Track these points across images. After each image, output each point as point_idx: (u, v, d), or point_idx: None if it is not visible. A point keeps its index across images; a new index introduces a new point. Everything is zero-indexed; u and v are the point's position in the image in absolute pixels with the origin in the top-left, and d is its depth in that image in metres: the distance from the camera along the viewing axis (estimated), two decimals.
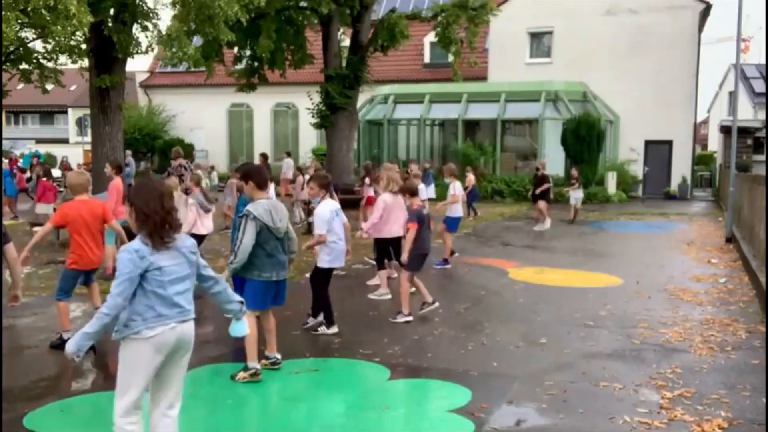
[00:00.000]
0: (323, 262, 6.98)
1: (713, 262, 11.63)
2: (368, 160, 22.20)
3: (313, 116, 22.01)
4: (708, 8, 26.70)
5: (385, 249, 8.76)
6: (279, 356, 5.87)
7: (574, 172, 18.34)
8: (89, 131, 16.97)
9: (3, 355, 6.14)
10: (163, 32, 14.93)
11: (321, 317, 7.07)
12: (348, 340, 6.75)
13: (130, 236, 7.07)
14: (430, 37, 27.35)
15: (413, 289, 7.66)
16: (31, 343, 6.70)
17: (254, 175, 5.69)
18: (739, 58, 15.23)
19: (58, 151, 36.49)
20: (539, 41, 28.58)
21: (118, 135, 15.91)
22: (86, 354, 3.60)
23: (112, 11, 14.44)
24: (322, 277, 7.06)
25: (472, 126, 27.01)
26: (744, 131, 23.93)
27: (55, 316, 7.49)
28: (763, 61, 32.18)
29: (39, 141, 41.68)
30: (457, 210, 11.33)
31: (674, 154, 27.08)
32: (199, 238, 9.68)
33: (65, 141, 42.87)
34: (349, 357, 6.24)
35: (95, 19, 12.83)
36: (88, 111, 16.61)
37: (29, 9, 11.84)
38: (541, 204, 16.15)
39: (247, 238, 5.39)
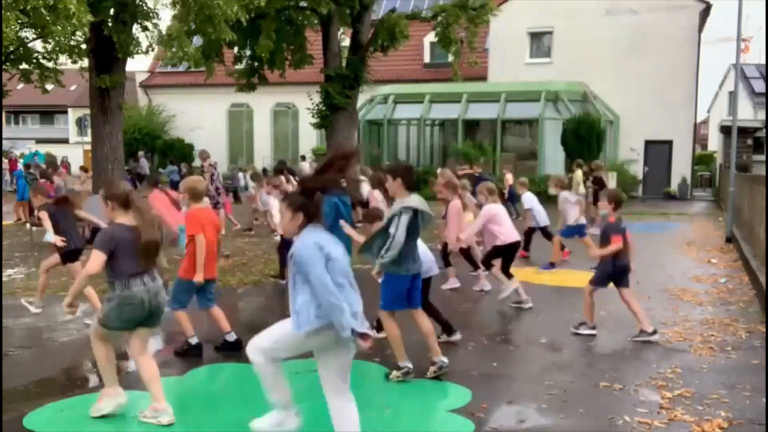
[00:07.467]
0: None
1: (713, 262, 11.62)
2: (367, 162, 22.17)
3: (313, 116, 21.98)
4: (708, 8, 26.70)
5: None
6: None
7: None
8: (89, 131, 16.97)
9: (3, 355, 6.15)
10: (163, 32, 14.95)
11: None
12: None
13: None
14: (430, 37, 27.31)
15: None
16: (30, 343, 6.69)
17: (402, 174, 5.46)
18: (739, 58, 15.23)
19: (58, 151, 36.51)
20: (539, 41, 28.58)
21: (118, 135, 15.91)
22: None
23: (112, 11, 14.44)
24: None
25: (472, 126, 26.99)
26: (744, 131, 23.95)
27: (52, 316, 7.53)
28: (763, 61, 32.19)
29: (39, 141, 41.61)
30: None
31: (674, 154, 27.10)
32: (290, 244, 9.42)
33: (65, 141, 42.87)
34: None
35: (95, 19, 12.84)
36: (88, 111, 16.61)
37: (29, 9, 11.86)
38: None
39: (401, 232, 5.25)
